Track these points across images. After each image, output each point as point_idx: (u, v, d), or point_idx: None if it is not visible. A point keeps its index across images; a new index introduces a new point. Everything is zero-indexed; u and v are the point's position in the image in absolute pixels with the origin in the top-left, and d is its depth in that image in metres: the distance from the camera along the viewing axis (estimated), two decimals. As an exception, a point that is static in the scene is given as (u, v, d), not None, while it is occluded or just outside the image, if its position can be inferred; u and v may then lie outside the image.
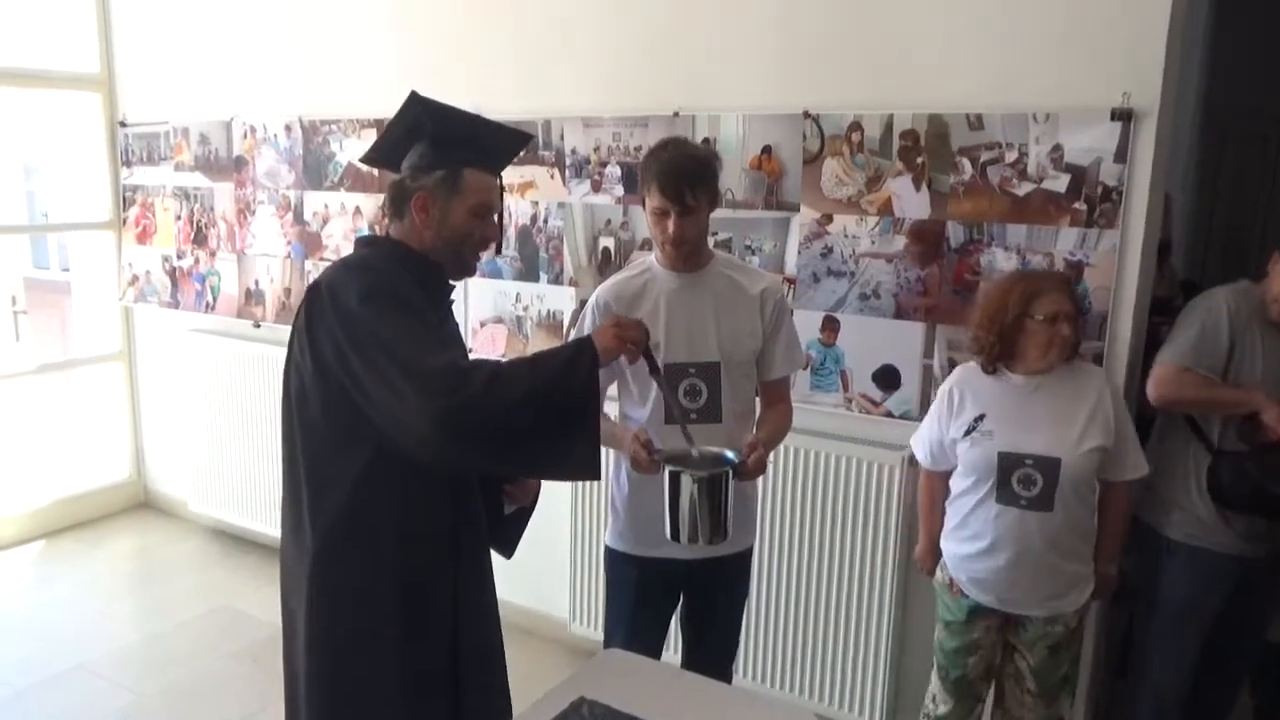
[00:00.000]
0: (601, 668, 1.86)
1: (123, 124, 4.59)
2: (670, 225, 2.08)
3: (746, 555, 2.36)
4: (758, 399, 2.31)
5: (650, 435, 2.04)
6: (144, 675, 3.36)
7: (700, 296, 2.18)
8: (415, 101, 1.80)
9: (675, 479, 1.96)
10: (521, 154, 2.00)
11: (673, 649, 2.68)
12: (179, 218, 4.45)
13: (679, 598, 2.36)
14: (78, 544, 4.51)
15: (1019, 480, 2.18)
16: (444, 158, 1.77)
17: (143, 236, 4.62)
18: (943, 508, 2.39)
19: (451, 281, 1.87)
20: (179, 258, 4.49)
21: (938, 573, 2.42)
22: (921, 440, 2.42)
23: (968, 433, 2.26)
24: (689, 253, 2.16)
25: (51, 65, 4.64)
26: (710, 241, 2.97)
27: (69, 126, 4.93)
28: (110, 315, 4.85)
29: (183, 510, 4.69)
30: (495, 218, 1.84)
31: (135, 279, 4.70)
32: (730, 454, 2.02)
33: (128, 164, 4.62)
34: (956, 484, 2.33)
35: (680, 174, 2.05)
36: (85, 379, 5.25)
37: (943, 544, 2.40)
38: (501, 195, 1.89)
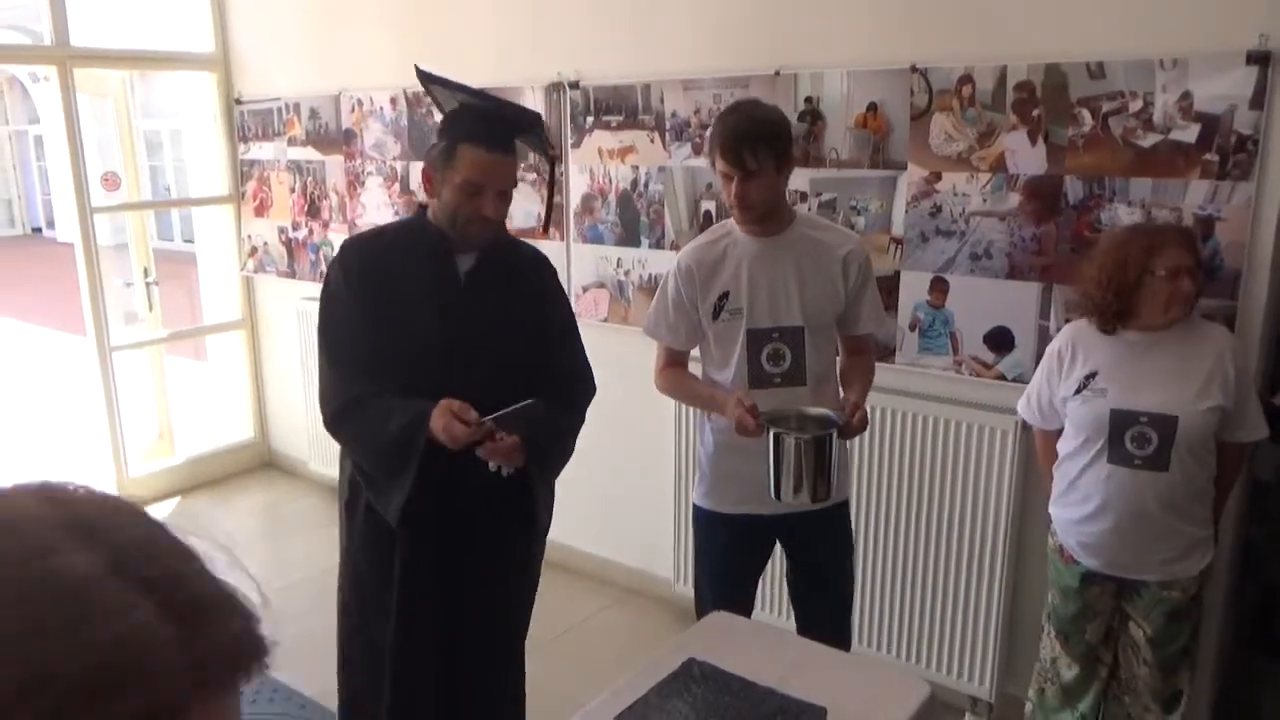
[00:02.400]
0: (710, 630, 1.88)
1: (238, 101, 4.77)
2: (734, 189, 2.08)
3: (843, 507, 2.35)
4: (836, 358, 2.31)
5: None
6: (269, 626, 3.55)
7: (782, 260, 2.16)
8: (420, 76, 1.83)
9: (779, 441, 1.97)
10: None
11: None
12: (293, 190, 4.62)
13: (768, 554, 2.38)
14: (209, 501, 4.79)
15: (1133, 439, 2.10)
16: (445, 130, 1.82)
17: (260, 209, 4.82)
18: None
19: (468, 249, 1.90)
20: (294, 229, 4.66)
21: (1049, 539, 2.36)
22: (1030, 399, 2.36)
23: (1079, 390, 2.18)
24: (762, 216, 2.14)
25: (171, 47, 4.85)
26: (814, 203, 2.93)
27: (190, 105, 5.14)
28: (232, 285, 5.09)
29: (303, 470, 4.92)
30: (496, 195, 1.81)
31: (254, 250, 4.91)
32: (833, 414, 2.03)
33: (244, 140, 4.80)
34: (1064, 446, 2.26)
35: (741, 137, 2.03)
36: (212, 346, 5.54)
37: (1051, 509, 2.33)
38: (555, 169, 1.96)
